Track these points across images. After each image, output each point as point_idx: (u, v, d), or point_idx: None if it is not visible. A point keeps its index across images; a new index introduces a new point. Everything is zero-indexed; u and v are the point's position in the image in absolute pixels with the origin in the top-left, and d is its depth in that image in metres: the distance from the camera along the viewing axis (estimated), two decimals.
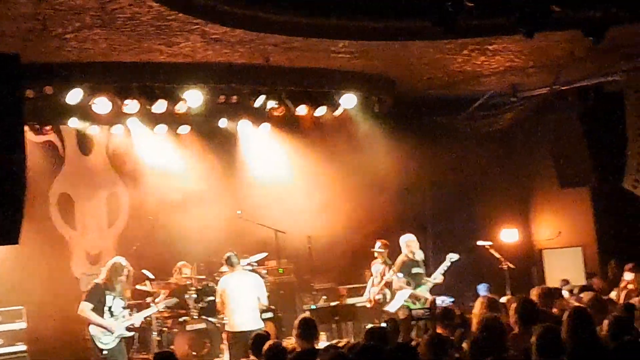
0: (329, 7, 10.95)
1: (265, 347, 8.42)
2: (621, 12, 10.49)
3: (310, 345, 8.86)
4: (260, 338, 9.18)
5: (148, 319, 12.81)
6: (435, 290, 14.10)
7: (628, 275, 13.22)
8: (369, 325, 10.99)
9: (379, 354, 6.86)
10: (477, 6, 9.96)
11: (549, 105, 16.23)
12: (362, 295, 14.63)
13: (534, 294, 9.54)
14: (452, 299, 13.19)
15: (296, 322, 9.23)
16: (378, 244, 14.22)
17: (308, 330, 9.00)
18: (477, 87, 15.76)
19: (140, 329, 12.83)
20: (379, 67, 14.34)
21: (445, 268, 13.93)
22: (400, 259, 13.91)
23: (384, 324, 12.07)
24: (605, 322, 7.60)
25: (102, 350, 11.28)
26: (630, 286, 12.85)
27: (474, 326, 8.27)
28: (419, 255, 13.98)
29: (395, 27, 11.86)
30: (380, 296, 13.95)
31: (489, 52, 13.47)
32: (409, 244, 13.95)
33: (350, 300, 14.94)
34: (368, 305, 14.18)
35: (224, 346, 12.94)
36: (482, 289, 15.78)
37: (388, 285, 14.25)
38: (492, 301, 9.19)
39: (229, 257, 12.71)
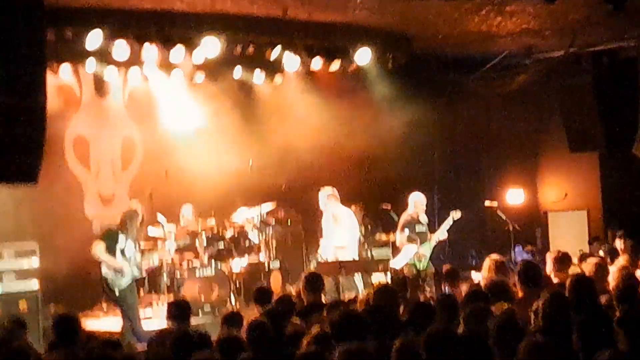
0: None
1: (275, 298, 8.68)
2: None
3: (316, 299, 9.09)
4: (263, 290, 9.46)
5: (161, 261, 13.07)
6: (441, 249, 14.23)
7: (618, 243, 13.25)
8: (376, 281, 11.20)
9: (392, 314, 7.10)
10: None
11: (562, 69, 16.25)
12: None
13: (549, 257, 9.67)
14: None
15: (302, 275, 9.50)
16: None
17: (314, 284, 9.23)
18: (492, 48, 15.78)
19: (150, 271, 13.08)
20: (396, 23, 14.36)
21: (449, 225, 13.96)
22: (405, 216, 13.90)
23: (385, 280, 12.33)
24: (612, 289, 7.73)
25: (114, 290, 11.49)
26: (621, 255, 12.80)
27: (483, 288, 8.41)
28: (423, 218, 13.99)
29: None
30: None
31: (506, 13, 13.50)
32: (417, 203, 13.88)
33: None
34: None
35: None
36: (520, 252, 15.90)
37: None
38: (500, 263, 9.33)
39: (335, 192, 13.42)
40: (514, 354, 5.64)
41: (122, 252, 11.44)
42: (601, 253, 12.73)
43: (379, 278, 12.93)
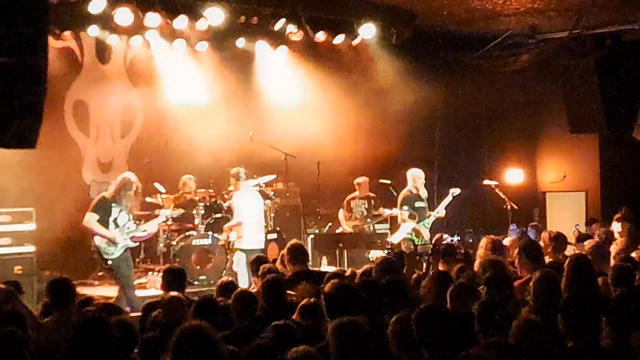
0: None
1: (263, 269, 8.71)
2: None
3: (301, 269, 9.09)
4: (260, 260, 9.49)
5: (158, 229, 13.04)
6: (438, 226, 14.25)
7: (616, 226, 13.24)
8: (377, 256, 11.17)
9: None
10: None
11: (565, 50, 16.20)
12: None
13: (545, 236, 9.67)
14: (457, 237, 13.37)
15: (285, 249, 9.49)
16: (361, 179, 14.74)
17: (297, 254, 9.24)
18: (496, 26, 15.74)
19: (146, 240, 13.06)
20: None
21: (448, 202, 14.06)
22: (404, 192, 14.02)
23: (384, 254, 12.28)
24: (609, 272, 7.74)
25: (106, 260, 11.44)
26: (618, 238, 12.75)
27: (477, 266, 8.42)
28: (423, 193, 14.08)
29: None
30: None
31: None
32: (415, 178, 14.01)
33: None
34: None
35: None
36: (515, 231, 15.86)
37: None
38: (497, 242, 9.33)
39: (238, 172, 12.95)
40: (495, 333, 5.70)
41: (115, 222, 11.39)
42: (596, 237, 12.69)
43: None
